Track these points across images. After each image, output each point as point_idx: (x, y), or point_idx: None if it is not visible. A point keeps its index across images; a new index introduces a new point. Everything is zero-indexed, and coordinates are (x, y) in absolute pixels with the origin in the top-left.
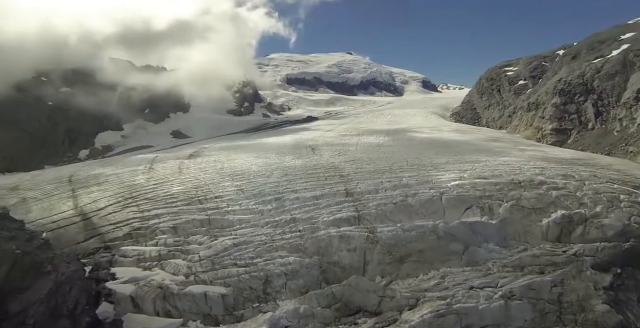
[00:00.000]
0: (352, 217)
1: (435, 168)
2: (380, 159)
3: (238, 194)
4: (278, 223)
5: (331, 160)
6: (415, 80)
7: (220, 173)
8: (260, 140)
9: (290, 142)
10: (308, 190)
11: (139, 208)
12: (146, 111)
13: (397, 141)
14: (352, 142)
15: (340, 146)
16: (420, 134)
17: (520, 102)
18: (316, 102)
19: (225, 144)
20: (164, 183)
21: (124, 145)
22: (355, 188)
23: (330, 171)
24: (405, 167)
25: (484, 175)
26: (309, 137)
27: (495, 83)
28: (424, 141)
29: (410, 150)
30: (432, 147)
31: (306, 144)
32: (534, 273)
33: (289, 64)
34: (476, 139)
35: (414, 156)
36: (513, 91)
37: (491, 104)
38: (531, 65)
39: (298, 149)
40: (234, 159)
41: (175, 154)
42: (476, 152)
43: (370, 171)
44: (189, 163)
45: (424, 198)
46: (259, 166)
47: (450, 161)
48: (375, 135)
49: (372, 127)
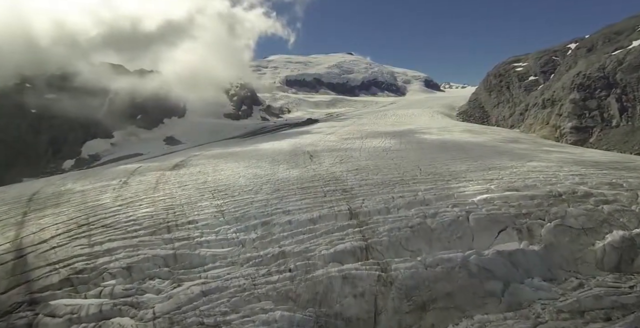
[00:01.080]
0: (358, 248)
1: (454, 178)
2: (388, 166)
3: (216, 218)
4: (263, 259)
5: (332, 169)
6: (418, 80)
7: (200, 189)
8: (256, 146)
9: (287, 148)
10: (303, 211)
11: (90, 240)
12: (138, 117)
13: (405, 144)
14: (356, 147)
15: (342, 151)
16: (429, 135)
17: (533, 99)
18: (317, 104)
19: (217, 150)
20: (131, 204)
21: (112, 154)
22: (361, 207)
23: (331, 184)
24: (419, 177)
25: (514, 185)
26: (308, 142)
27: (504, 79)
28: (435, 144)
29: (422, 154)
30: (446, 150)
31: (304, 150)
32: (598, 321)
33: (288, 66)
34: (492, 139)
35: (428, 162)
36: (523, 88)
37: (500, 101)
38: (541, 60)
39: (295, 156)
40: (221, 169)
41: (161, 163)
42: (497, 156)
43: (378, 183)
44: (170, 175)
45: (447, 219)
46: (247, 179)
47: (470, 168)
48: (381, 138)
49: (376, 129)
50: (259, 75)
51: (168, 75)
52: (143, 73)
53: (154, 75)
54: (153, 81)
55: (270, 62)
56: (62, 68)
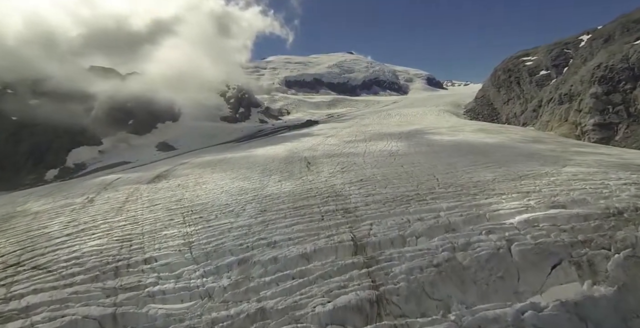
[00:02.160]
0: (367, 301)
1: (482, 191)
2: (398, 176)
3: (182, 253)
4: (233, 322)
5: (332, 181)
6: (420, 78)
7: (172, 210)
8: (249, 152)
9: (283, 154)
10: (293, 242)
11: (9, 290)
12: (130, 122)
13: (414, 147)
14: (359, 151)
15: (343, 157)
16: (439, 136)
17: (547, 94)
18: (317, 105)
19: (207, 157)
20: (82, 233)
21: (100, 162)
22: (369, 235)
23: (330, 201)
24: (437, 189)
25: (559, 200)
26: (307, 146)
27: (513, 74)
28: (448, 146)
29: (436, 159)
30: (462, 153)
31: (301, 156)
32: None
33: (288, 66)
34: (510, 140)
35: (444, 170)
36: (535, 83)
37: (510, 97)
38: (552, 53)
39: (290, 164)
40: (204, 182)
41: (142, 174)
42: (524, 160)
43: (388, 200)
44: (145, 190)
45: (484, 252)
46: (230, 195)
47: (497, 177)
48: (386, 140)
49: (380, 130)
50: (257, 77)
51: (157, 77)
52: (131, 76)
53: (143, 77)
54: (142, 84)
55: (268, 63)
56: (44, 72)
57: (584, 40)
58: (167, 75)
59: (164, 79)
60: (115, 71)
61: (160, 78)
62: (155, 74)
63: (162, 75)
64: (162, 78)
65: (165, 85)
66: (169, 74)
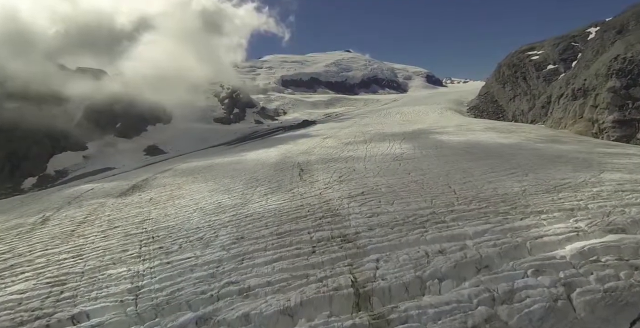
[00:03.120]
0: None
1: (513, 207)
2: (407, 186)
3: (123, 307)
4: None
5: (327, 194)
6: (419, 76)
7: (131, 235)
8: (239, 156)
9: (275, 158)
10: (273, 289)
11: None
12: (117, 125)
13: (421, 149)
14: (359, 154)
15: (342, 162)
16: (446, 136)
17: (557, 90)
18: (314, 104)
19: (193, 163)
20: (7, 271)
21: (83, 169)
22: (375, 278)
23: (324, 224)
24: (456, 206)
25: (616, 221)
26: (301, 149)
27: (519, 70)
28: (459, 148)
29: (448, 165)
30: (477, 157)
31: (294, 161)
32: None
33: (284, 65)
34: (527, 139)
35: (461, 178)
36: (542, 78)
37: (517, 94)
38: (559, 46)
39: (281, 171)
40: (179, 195)
41: (118, 183)
42: (551, 164)
43: (398, 221)
44: (109, 207)
45: (536, 306)
46: (204, 214)
47: (527, 187)
48: (389, 142)
49: (381, 130)
50: (253, 76)
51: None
52: (116, 75)
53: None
54: (126, 84)
55: (264, 62)
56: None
57: (592, 32)
58: (154, 75)
59: (150, 79)
60: (99, 71)
61: (145, 78)
62: (140, 73)
63: (147, 75)
64: (148, 78)
65: (151, 86)
66: (154, 74)
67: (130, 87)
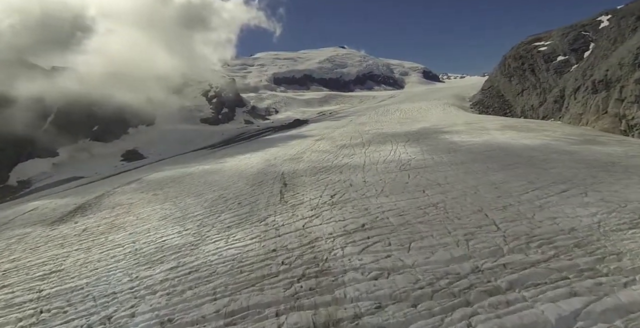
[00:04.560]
0: None
1: (598, 258)
2: (424, 213)
3: None
4: None
5: (313, 229)
6: (416, 71)
7: (13, 305)
8: (218, 163)
9: (256, 167)
10: None
11: None
12: (95, 128)
13: (432, 154)
14: (357, 162)
15: (335, 173)
16: (458, 136)
17: (572, 82)
18: (308, 102)
19: (165, 172)
20: None
21: (50, 178)
22: None
23: (303, 293)
24: (507, 252)
25: None
26: (289, 153)
27: (526, 62)
28: (478, 152)
29: (471, 176)
30: (505, 164)
31: (278, 171)
32: None
33: (276, 62)
34: (555, 140)
35: (496, 198)
36: (553, 70)
37: (525, 88)
38: (569, 36)
39: (258, 187)
40: (121, 225)
41: (66, 201)
42: (614, 177)
43: (422, 288)
44: (29, 241)
45: None
46: (135, 263)
47: (602, 218)
48: (391, 144)
49: (381, 129)
50: (244, 74)
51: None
52: (74, 73)
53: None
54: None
55: (256, 59)
56: None
57: (603, 21)
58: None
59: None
60: (55, 68)
61: (104, 75)
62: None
63: (108, 71)
64: (107, 75)
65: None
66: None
67: (87, 85)
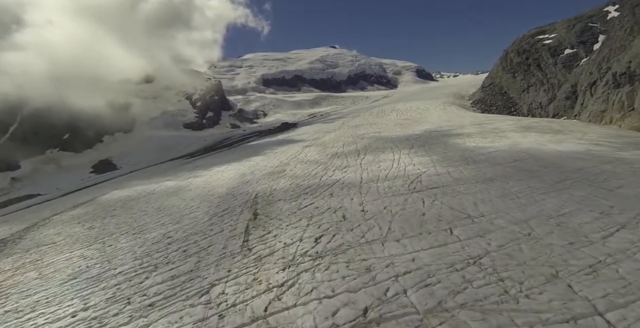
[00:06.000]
0: None
1: None
2: (461, 279)
3: None
4: None
5: (281, 312)
6: (409, 70)
7: None
8: (186, 179)
9: (226, 185)
10: None
11: None
12: (66, 136)
13: (447, 166)
14: (351, 178)
15: (323, 196)
16: (472, 140)
17: (586, 76)
18: (298, 104)
19: (120, 193)
20: None
21: (7, 195)
22: None
23: None
24: None
25: None
26: (270, 165)
27: (530, 56)
28: (504, 162)
29: (510, 199)
30: (550, 183)
31: (252, 192)
32: None
33: (265, 63)
34: (594, 144)
35: (569, 247)
36: (561, 64)
37: (531, 84)
38: (575, 28)
39: (218, 221)
40: (3, 291)
41: None
42: None
43: None
44: None
45: None
46: None
47: None
48: (392, 151)
49: (379, 133)
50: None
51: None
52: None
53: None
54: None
55: (244, 61)
56: None
57: (610, 11)
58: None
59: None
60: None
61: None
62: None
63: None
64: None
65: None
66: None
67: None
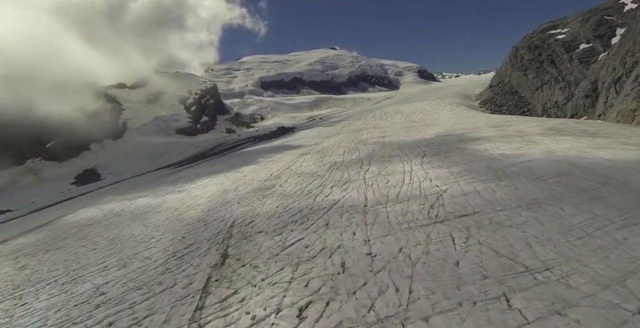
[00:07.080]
0: None
1: None
2: None
3: None
4: None
5: None
6: (410, 71)
7: None
8: (161, 196)
9: (202, 206)
10: None
11: None
12: (49, 145)
13: (471, 180)
14: (353, 198)
15: (317, 228)
16: (495, 146)
17: (607, 72)
18: (297, 107)
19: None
20: None
21: None
22: None
23: None
24: None
25: None
26: (258, 178)
27: (543, 52)
28: (547, 177)
29: (579, 242)
30: (624, 209)
31: (227, 219)
32: None
33: (263, 66)
34: None
35: None
36: (578, 60)
37: (545, 82)
38: (590, 22)
39: (175, 267)
40: None
41: None
42: None
43: None
44: None
45: None
46: None
47: None
48: (402, 160)
49: (383, 138)
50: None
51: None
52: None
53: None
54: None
55: (242, 63)
56: None
57: (627, 3)
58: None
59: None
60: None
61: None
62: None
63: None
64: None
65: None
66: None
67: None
